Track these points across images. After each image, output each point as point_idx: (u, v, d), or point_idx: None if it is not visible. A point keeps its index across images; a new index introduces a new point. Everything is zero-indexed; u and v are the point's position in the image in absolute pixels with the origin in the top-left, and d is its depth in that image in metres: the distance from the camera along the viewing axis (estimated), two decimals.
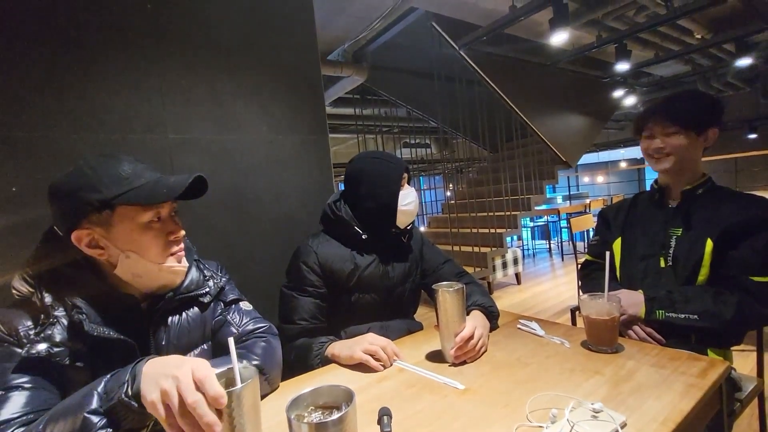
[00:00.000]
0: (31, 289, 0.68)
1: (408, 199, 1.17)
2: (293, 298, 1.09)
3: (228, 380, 0.53)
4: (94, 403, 0.54)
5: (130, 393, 0.53)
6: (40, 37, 1.05)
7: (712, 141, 1.11)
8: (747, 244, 1.01)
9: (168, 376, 0.51)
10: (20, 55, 1.02)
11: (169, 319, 0.78)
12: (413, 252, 1.25)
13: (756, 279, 0.99)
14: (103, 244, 0.69)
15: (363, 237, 1.14)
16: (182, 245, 0.78)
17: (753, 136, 6.09)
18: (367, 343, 0.91)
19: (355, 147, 5.43)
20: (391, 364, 0.89)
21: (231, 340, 0.55)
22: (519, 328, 1.05)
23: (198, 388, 0.49)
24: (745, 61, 3.86)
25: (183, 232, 0.77)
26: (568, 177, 10.24)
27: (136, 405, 0.53)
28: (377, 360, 0.88)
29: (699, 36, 4.03)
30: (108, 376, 0.57)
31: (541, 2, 2.63)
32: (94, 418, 0.53)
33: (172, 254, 0.75)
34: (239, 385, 0.50)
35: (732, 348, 1.09)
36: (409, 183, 1.22)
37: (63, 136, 1.08)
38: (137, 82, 1.19)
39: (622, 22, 3.61)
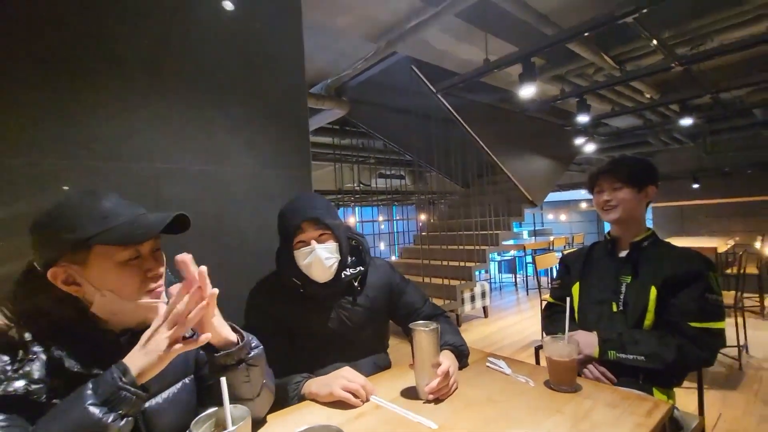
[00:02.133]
0: (9, 323, 0.66)
1: (305, 260, 1.06)
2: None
3: (218, 420, 0.55)
4: (90, 399, 0.56)
5: (124, 379, 0.56)
6: (29, 63, 1.06)
7: (652, 196, 1.29)
8: (685, 293, 1.15)
9: None
10: (9, 80, 1.03)
11: None
12: (375, 292, 1.18)
13: (693, 325, 1.12)
14: (80, 281, 0.69)
15: (301, 290, 1.10)
16: (161, 282, 0.76)
17: (696, 186, 6.68)
18: (345, 380, 0.93)
19: (332, 173, 5.52)
20: (368, 399, 0.93)
21: (223, 380, 0.58)
22: (488, 366, 1.11)
23: None
24: (687, 121, 4.32)
25: (162, 269, 0.76)
26: (533, 213, 10.73)
27: (134, 389, 0.57)
28: (356, 397, 0.91)
29: (649, 96, 4.49)
30: (89, 383, 0.59)
31: (512, 59, 2.88)
32: (95, 410, 0.55)
33: (149, 291, 0.73)
34: (230, 427, 0.53)
35: (675, 387, 1.21)
36: (332, 228, 1.09)
37: (48, 163, 1.07)
38: (126, 111, 1.21)
39: (583, 78, 3.99)
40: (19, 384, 0.61)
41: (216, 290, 0.68)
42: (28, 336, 0.65)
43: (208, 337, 0.62)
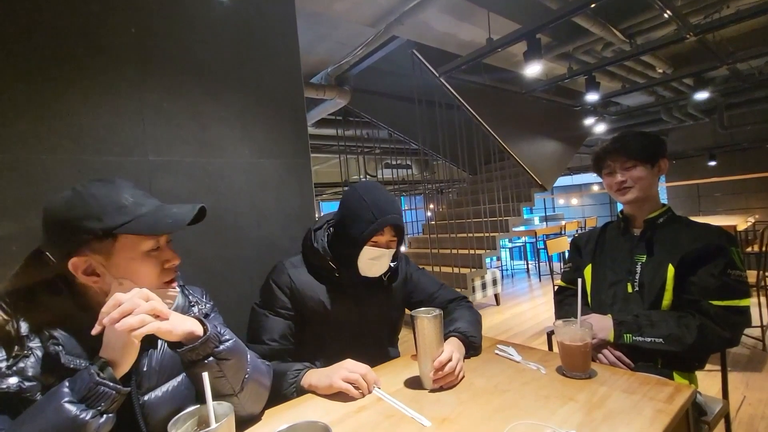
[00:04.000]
0: (6, 317, 0.65)
1: (371, 257, 1.05)
2: (264, 317, 1.07)
3: (201, 418, 0.52)
4: (66, 396, 0.54)
5: (102, 374, 0.55)
6: (18, 56, 1.03)
7: (664, 171, 1.21)
8: (705, 270, 1.08)
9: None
10: None
11: (151, 344, 0.76)
12: (396, 292, 1.18)
13: (715, 303, 1.05)
14: (100, 271, 0.68)
15: (336, 275, 1.09)
16: (177, 273, 0.77)
17: (713, 163, 6.46)
18: (346, 371, 0.90)
19: (337, 166, 5.47)
20: (371, 392, 0.89)
21: (205, 375, 0.54)
22: (497, 354, 1.06)
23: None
24: (702, 95, 4.15)
25: (178, 261, 0.77)
26: (544, 199, 10.57)
27: (112, 384, 0.56)
28: (357, 388, 0.88)
29: (661, 70, 4.31)
30: (65, 380, 0.58)
31: (516, 36, 2.78)
32: (71, 407, 0.53)
33: (166, 282, 0.74)
34: (213, 424, 0.49)
35: (697, 371, 1.14)
36: (399, 246, 1.09)
37: (39, 157, 1.05)
38: (117, 103, 1.18)
39: (591, 55, 3.84)
40: (12, 381, 0.60)
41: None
42: (24, 330, 0.64)
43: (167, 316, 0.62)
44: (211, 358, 0.68)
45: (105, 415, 0.56)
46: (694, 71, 3.93)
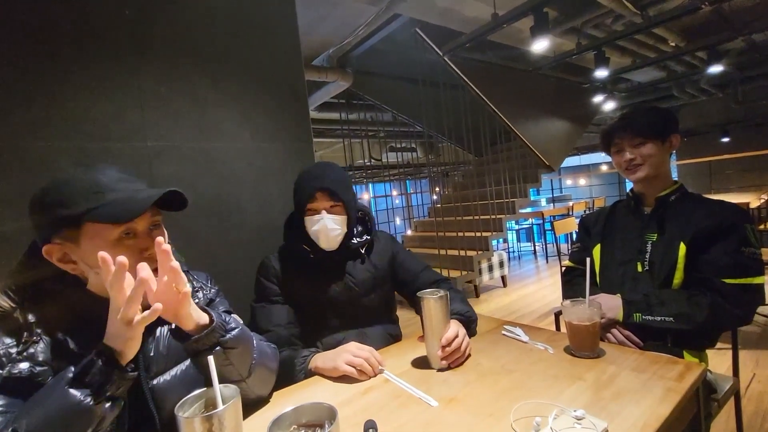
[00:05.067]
0: (13, 305, 0.65)
1: (313, 227, 1.08)
2: (263, 308, 1.11)
3: (208, 400, 0.52)
4: (70, 381, 0.54)
5: (106, 359, 0.55)
6: (14, 44, 1.02)
7: (676, 146, 1.17)
8: (718, 248, 1.05)
9: None
10: None
11: (157, 330, 0.76)
12: (379, 260, 1.21)
13: (728, 281, 1.03)
14: (74, 258, 0.67)
15: (311, 256, 1.12)
16: (155, 263, 0.72)
17: (726, 139, 6.30)
18: (349, 354, 0.90)
19: (341, 151, 5.42)
20: (376, 375, 0.89)
21: (211, 359, 0.54)
22: (504, 335, 1.06)
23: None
24: (716, 68, 4.01)
25: (165, 248, 0.73)
26: (551, 180, 10.44)
27: (117, 369, 0.55)
28: (361, 372, 0.88)
29: (673, 44, 4.16)
30: (71, 366, 0.57)
31: (522, 11, 2.68)
32: (76, 392, 0.53)
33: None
34: (220, 405, 0.49)
35: (708, 349, 1.13)
36: (344, 200, 1.09)
37: (38, 144, 1.04)
38: (115, 89, 1.17)
39: (600, 29, 3.71)
40: (24, 366, 0.61)
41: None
42: (32, 318, 0.65)
43: (159, 308, 0.58)
44: (217, 348, 0.67)
45: (112, 400, 0.56)
46: (709, 43, 3.79)
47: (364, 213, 1.23)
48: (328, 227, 1.08)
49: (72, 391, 0.52)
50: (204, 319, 0.69)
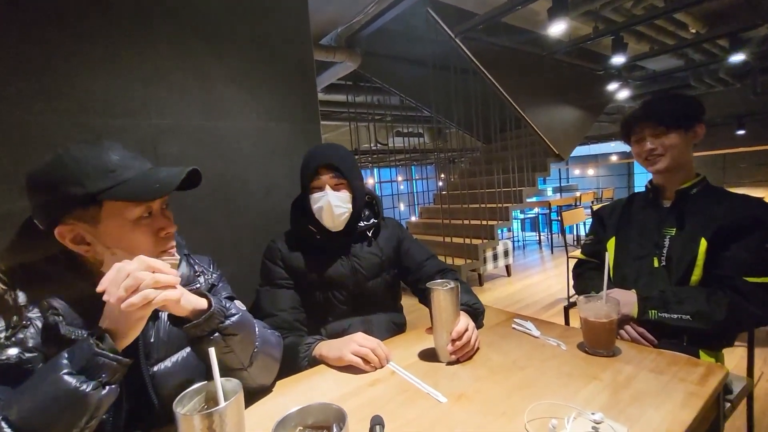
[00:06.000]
0: (3, 287, 0.62)
1: (317, 204, 1.07)
2: (268, 292, 1.09)
3: (209, 394, 0.49)
4: (65, 368, 0.51)
5: (102, 344, 0.53)
6: (18, 16, 0.97)
7: (701, 136, 1.12)
8: (741, 245, 1.01)
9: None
10: None
11: (159, 315, 0.74)
12: (385, 245, 1.19)
13: (749, 280, 0.99)
14: (90, 240, 0.65)
15: (317, 237, 1.11)
16: (173, 242, 0.73)
17: (741, 132, 6.14)
18: (356, 344, 0.88)
19: (347, 134, 5.34)
20: (382, 366, 0.87)
21: (212, 350, 0.51)
22: (514, 328, 1.03)
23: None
24: (738, 57, 3.86)
25: (174, 228, 0.72)
26: (559, 169, 10.31)
27: (112, 355, 0.53)
28: (367, 362, 0.85)
29: (694, 30, 4.01)
30: (64, 351, 0.55)
31: None
32: (71, 379, 0.51)
33: (163, 251, 0.70)
34: (222, 401, 0.46)
35: (725, 348, 1.09)
36: (349, 179, 1.08)
37: (40, 119, 1.00)
38: (119, 64, 1.12)
39: (619, 13, 3.57)
40: (12, 352, 0.58)
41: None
42: (22, 300, 0.62)
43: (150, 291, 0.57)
44: (216, 334, 0.65)
45: (107, 387, 0.53)
46: (731, 30, 3.64)
47: (371, 197, 1.22)
48: (332, 204, 1.05)
49: (66, 377, 0.50)
50: (202, 304, 0.66)
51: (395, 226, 1.26)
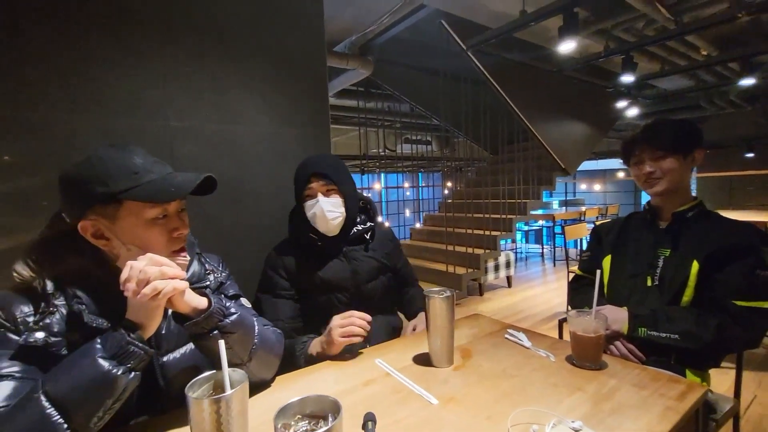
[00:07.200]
0: (33, 275, 0.67)
1: (310, 211, 1.13)
2: (268, 300, 1.14)
3: (217, 383, 0.54)
4: (99, 352, 0.57)
5: (132, 334, 0.59)
6: (43, 16, 1.03)
7: (699, 161, 1.15)
8: (733, 269, 1.04)
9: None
10: (23, 35, 1.01)
11: (169, 310, 0.78)
12: (380, 248, 1.26)
13: (739, 303, 1.02)
14: (108, 235, 0.70)
15: (318, 243, 1.16)
16: (185, 243, 0.78)
17: (750, 155, 6.13)
18: (339, 328, 0.95)
19: (356, 139, 5.41)
20: (369, 330, 0.96)
21: (221, 343, 0.56)
22: (506, 338, 1.07)
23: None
24: (748, 81, 3.88)
25: (187, 231, 0.77)
26: (565, 183, 10.30)
27: (141, 344, 0.59)
28: (356, 336, 0.94)
29: (705, 52, 4.03)
30: (97, 338, 0.60)
31: (552, 9, 2.62)
32: (105, 362, 0.56)
33: (173, 251, 0.75)
34: (228, 389, 0.51)
35: (711, 369, 1.12)
36: (339, 184, 1.13)
37: (63, 118, 1.07)
38: (141, 67, 1.18)
39: (630, 33, 3.61)
40: (39, 335, 0.63)
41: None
42: (50, 288, 0.67)
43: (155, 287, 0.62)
44: (215, 332, 0.69)
45: (133, 372, 0.59)
46: (742, 54, 3.66)
47: (365, 202, 1.28)
48: (324, 209, 1.11)
49: (101, 360, 0.55)
50: (203, 303, 0.70)
51: (389, 231, 1.36)
